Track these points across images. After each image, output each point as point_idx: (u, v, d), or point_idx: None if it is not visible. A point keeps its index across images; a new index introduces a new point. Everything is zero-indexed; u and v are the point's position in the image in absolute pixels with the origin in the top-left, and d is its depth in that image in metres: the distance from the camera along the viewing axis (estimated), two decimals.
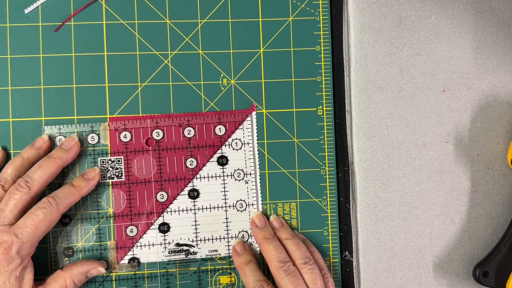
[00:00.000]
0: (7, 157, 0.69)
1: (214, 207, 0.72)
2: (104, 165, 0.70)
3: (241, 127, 0.72)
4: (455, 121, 0.74)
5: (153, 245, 0.71)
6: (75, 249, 0.70)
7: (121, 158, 0.70)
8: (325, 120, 0.73)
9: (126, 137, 0.70)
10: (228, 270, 0.72)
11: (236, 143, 0.72)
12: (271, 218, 0.72)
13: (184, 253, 0.71)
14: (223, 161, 0.72)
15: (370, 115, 0.73)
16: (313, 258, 0.69)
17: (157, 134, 0.71)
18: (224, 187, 0.72)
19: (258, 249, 0.72)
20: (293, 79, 0.72)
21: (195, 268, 0.71)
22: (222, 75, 0.72)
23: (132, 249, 0.70)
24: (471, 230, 0.74)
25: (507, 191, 0.74)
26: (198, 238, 0.71)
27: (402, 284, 0.73)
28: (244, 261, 0.69)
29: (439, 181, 0.74)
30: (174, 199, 0.71)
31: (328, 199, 0.73)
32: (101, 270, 0.68)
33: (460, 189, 0.74)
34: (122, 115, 0.70)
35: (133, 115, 0.71)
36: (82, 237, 0.70)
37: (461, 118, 0.74)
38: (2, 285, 0.62)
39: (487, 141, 0.74)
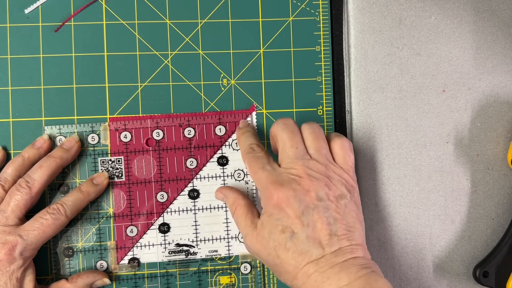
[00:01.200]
0: (7, 157, 0.69)
1: (214, 208, 0.72)
2: (104, 165, 0.70)
3: None
4: (455, 121, 0.74)
5: (153, 245, 0.71)
6: (75, 249, 0.70)
7: (121, 158, 0.70)
8: (325, 120, 0.73)
9: (126, 137, 0.70)
10: (228, 271, 0.72)
11: (236, 143, 0.72)
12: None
13: (184, 253, 0.71)
14: (223, 161, 0.72)
15: (370, 115, 0.73)
16: (328, 136, 0.67)
17: (157, 134, 0.71)
18: None
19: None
20: (293, 79, 0.72)
21: (195, 269, 0.71)
22: (222, 75, 0.72)
23: (132, 249, 0.70)
24: (471, 230, 0.74)
25: (507, 191, 0.74)
26: (198, 239, 0.71)
27: (402, 284, 0.73)
28: (242, 132, 0.69)
29: (439, 181, 0.74)
30: (174, 199, 0.71)
31: None
32: (106, 281, 0.69)
33: (460, 189, 0.74)
34: (122, 115, 0.70)
35: (133, 115, 0.71)
36: (82, 237, 0.70)
37: (461, 118, 0.74)
38: (3, 286, 0.62)
39: (487, 141, 0.74)
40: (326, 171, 0.62)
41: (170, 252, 0.71)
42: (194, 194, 0.71)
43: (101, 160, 0.70)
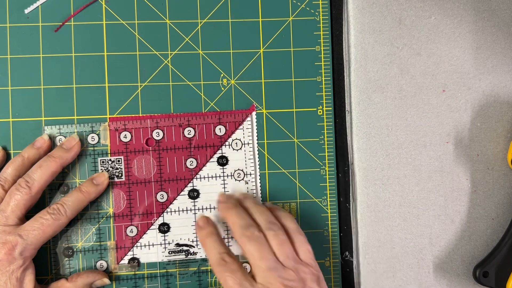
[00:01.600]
0: (7, 157, 0.69)
1: (214, 207, 0.72)
2: (104, 165, 0.70)
3: (241, 127, 0.72)
4: (455, 121, 0.74)
5: (153, 245, 0.71)
6: (75, 249, 0.70)
7: (121, 158, 0.70)
8: (325, 120, 0.73)
9: (126, 137, 0.70)
10: None
11: (236, 143, 0.72)
12: (236, 194, 0.71)
13: (184, 253, 0.71)
14: (223, 161, 0.72)
15: (370, 115, 0.73)
16: (282, 222, 0.67)
17: (157, 134, 0.71)
18: (224, 188, 0.72)
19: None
20: (293, 79, 0.72)
21: (195, 268, 0.71)
22: (222, 75, 0.72)
23: (132, 249, 0.70)
24: (471, 230, 0.74)
25: (507, 191, 0.74)
26: (198, 239, 0.71)
27: (402, 284, 0.73)
28: (206, 234, 0.67)
29: (439, 181, 0.74)
30: (174, 199, 0.71)
31: (328, 199, 0.73)
32: (106, 281, 0.69)
33: (460, 189, 0.74)
34: (122, 115, 0.70)
35: (133, 115, 0.71)
36: (82, 237, 0.70)
37: (461, 118, 0.74)
38: (3, 285, 0.62)
39: (487, 141, 0.74)
40: (299, 275, 0.62)
41: (170, 252, 0.71)
42: (194, 194, 0.71)
43: (101, 160, 0.70)
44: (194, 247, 0.71)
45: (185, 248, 0.71)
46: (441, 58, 0.74)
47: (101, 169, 0.70)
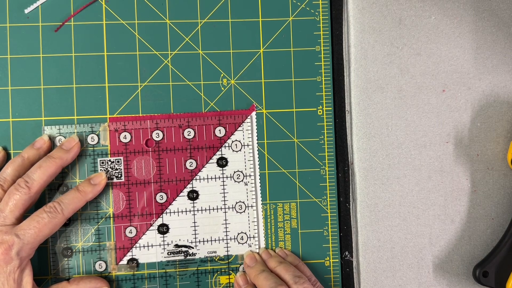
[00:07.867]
0: (7, 157, 0.69)
1: (213, 209, 0.72)
2: (104, 166, 0.70)
3: (241, 128, 0.72)
4: (455, 121, 0.74)
5: (152, 246, 0.71)
6: (74, 250, 0.70)
7: (120, 159, 0.70)
8: (325, 120, 0.73)
9: (126, 138, 0.70)
10: (228, 271, 0.72)
11: (236, 144, 0.72)
12: (260, 251, 0.72)
13: (183, 254, 0.71)
14: (222, 162, 0.72)
15: (370, 115, 0.73)
16: (302, 271, 0.70)
17: (157, 135, 0.71)
18: (224, 189, 0.72)
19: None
20: (293, 79, 0.73)
21: (194, 269, 0.71)
22: (222, 75, 0.72)
23: (131, 250, 0.70)
24: (471, 230, 0.74)
25: (507, 191, 0.74)
26: (197, 240, 0.71)
27: (402, 284, 0.73)
28: (256, 271, 0.69)
29: (439, 181, 0.74)
30: (174, 200, 0.71)
31: (328, 199, 0.73)
32: None
33: (460, 189, 0.74)
34: (122, 115, 0.70)
35: (133, 115, 0.71)
36: (82, 237, 0.70)
37: (461, 118, 0.74)
38: (0, 286, 0.62)
39: (487, 141, 0.74)
40: None
41: (169, 253, 0.71)
42: (193, 195, 0.71)
43: (100, 160, 0.70)
44: (193, 248, 0.71)
45: (184, 249, 0.71)
46: (441, 58, 0.74)
47: (100, 169, 0.70)
